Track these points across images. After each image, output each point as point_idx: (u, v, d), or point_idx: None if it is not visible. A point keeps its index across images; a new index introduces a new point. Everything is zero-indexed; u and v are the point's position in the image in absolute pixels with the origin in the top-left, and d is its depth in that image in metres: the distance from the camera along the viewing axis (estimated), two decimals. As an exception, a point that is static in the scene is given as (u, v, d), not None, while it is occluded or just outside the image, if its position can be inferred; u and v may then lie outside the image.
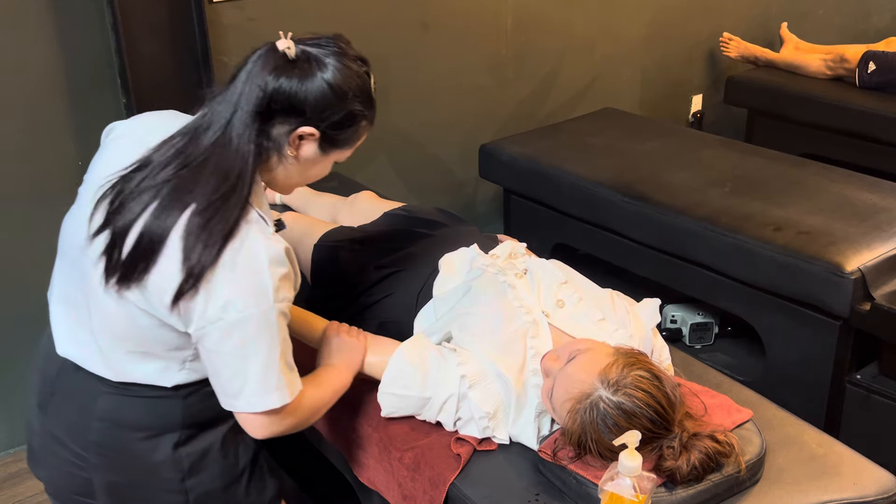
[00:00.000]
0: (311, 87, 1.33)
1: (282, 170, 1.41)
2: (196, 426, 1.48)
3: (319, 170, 1.45)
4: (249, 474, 1.55)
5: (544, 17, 3.36)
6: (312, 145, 1.39)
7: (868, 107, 3.50)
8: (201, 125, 1.36)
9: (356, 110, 1.39)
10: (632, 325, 1.69)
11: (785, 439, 1.62)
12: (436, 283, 1.82)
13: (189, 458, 1.47)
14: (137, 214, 1.32)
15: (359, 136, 1.44)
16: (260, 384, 1.35)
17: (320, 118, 1.35)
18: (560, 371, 1.50)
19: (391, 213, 2.13)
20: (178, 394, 1.44)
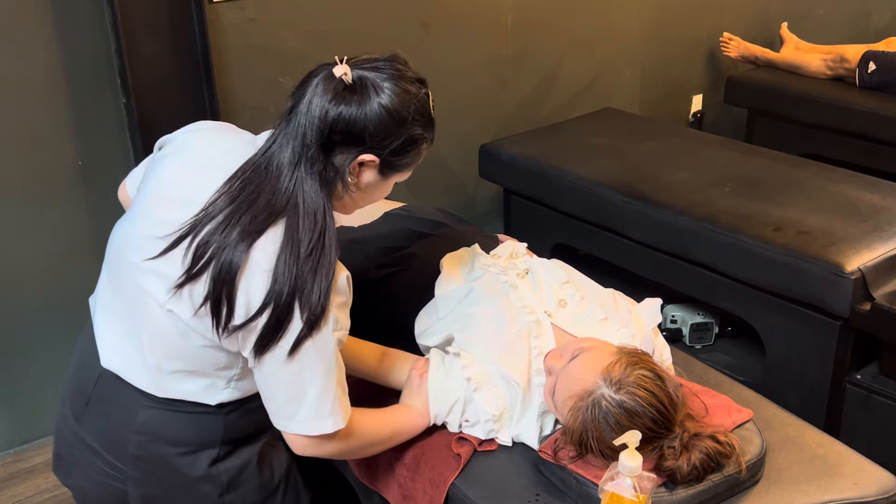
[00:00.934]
0: (370, 113, 1.31)
1: (347, 198, 1.40)
2: (234, 442, 1.47)
3: (380, 193, 1.43)
4: (284, 487, 1.55)
5: (544, 16, 3.35)
6: (373, 171, 1.37)
7: (868, 107, 3.50)
8: (270, 160, 1.33)
9: (416, 134, 1.36)
10: (633, 324, 1.70)
11: (785, 439, 1.62)
12: (437, 282, 1.82)
13: (227, 473, 1.46)
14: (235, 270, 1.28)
15: (419, 157, 1.41)
16: (315, 410, 1.36)
17: (380, 145, 1.33)
18: (563, 369, 1.50)
19: (391, 213, 2.13)
20: (221, 411, 1.44)
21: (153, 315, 1.37)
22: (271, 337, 1.30)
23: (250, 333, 1.31)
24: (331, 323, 1.32)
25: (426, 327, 1.77)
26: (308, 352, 1.31)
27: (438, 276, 1.83)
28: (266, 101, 2.75)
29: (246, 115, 2.72)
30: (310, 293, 1.28)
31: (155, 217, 1.38)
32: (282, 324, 1.29)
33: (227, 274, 1.28)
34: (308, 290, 1.28)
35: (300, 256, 1.28)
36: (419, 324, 1.80)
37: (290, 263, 1.28)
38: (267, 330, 1.30)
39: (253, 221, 1.29)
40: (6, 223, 2.38)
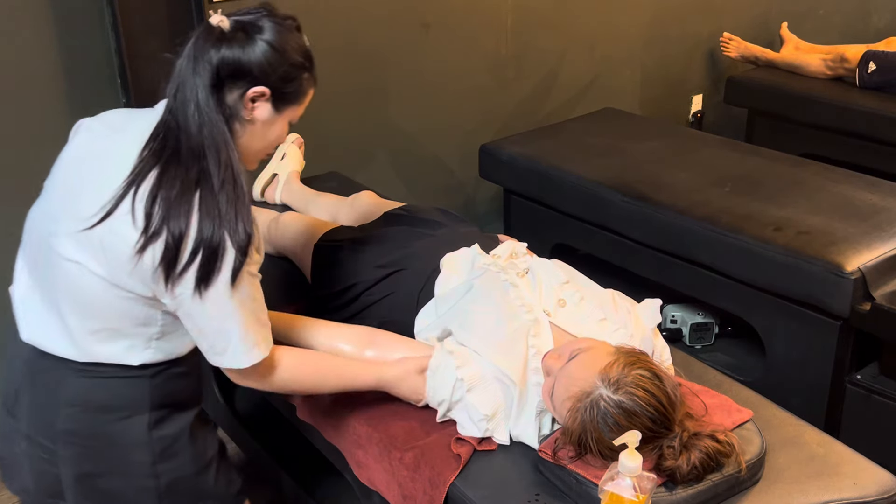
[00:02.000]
0: (252, 50, 1.39)
1: (246, 137, 1.45)
2: (166, 407, 1.50)
3: (278, 131, 1.49)
4: (217, 465, 1.58)
5: (544, 16, 3.36)
6: (266, 105, 1.44)
7: (868, 107, 3.50)
8: (176, 116, 1.41)
9: (297, 62, 1.45)
10: (633, 325, 1.69)
11: (785, 439, 1.62)
12: (437, 282, 1.82)
13: (161, 441, 1.50)
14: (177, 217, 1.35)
15: (305, 90, 1.49)
16: (242, 340, 1.43)
17: (267, 76, 1.41)
18: (561, 370, 1.50)
19: (391, 213, 2.13)
20: (145, 373, 1.47)
21: (70, 277, 1.42)
22: (210, 271, 1.37)
23: (188, 273, 1.37)
24: (253, 255, 1.41)
25: (424, 326, 1.78)
26: (241, 283, 1.39)
27: (438, 276, 1.84)
28: (266, 101, 2.75)
29: (246, 115, 2.72)
30: (234, 224, 1.37)
31: (69, 187, 1.45)
32: (217, 257, 1.37)
33: (179, 233, 1.36)
34: (232, 222, 1.37)
35: (215, 191, 1.37)
36: (419, 323, 1.80)
37: (208, 201, 1.37)
38: (205, 265, 1.36)
39: (187, 175, 1.38)
40: (4, 224, 2.37)
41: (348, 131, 2.98)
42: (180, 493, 1.53)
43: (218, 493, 1.59)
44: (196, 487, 1.55)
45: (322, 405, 1.79)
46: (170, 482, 1.51)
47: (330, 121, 2.91)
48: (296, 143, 2.61)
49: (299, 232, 2.15)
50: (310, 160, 2.66)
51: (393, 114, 3.07)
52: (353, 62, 2.90)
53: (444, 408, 1.62)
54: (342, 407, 1.74)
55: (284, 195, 2.52)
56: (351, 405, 1.73)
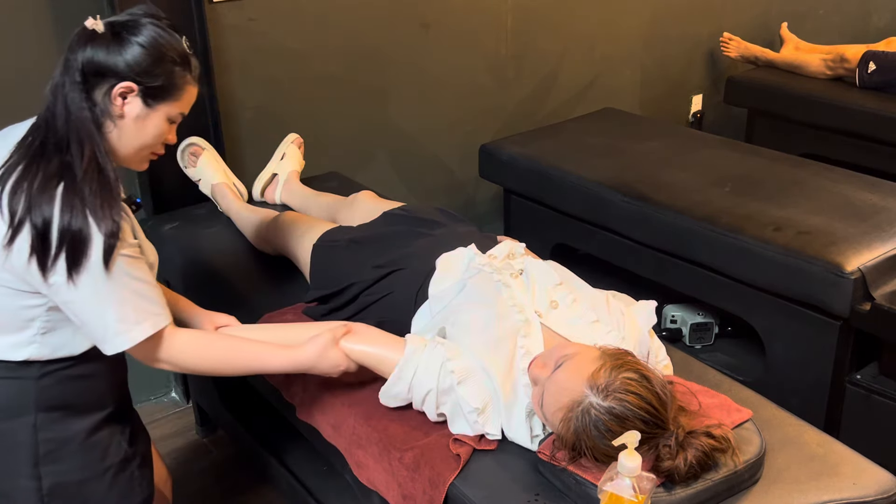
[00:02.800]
0: (121, 49, 1.43)
1: (116, 133, 1.47)
2: (55, 410, 1.51)
3: (155, 128, 1.49)
4: (114, 476, 1.58)
5: (544, 17, 3.36)
6: (136, 101, 1.46)
7: (868, 107, 3.50)
8: (48, 114, 1.45)
9: (168, 58, 1.46)
10: (626, 327, 1.69)
11: (785, 439, 1.62)
12: (432, 281, 1.82)
13: (46, 444, 1.51)
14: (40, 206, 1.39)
15: (180, 87, 1.49)
16: (119, 323, 1.44)
17: (133, 72, 1.43)
18: (548, 379, 1.49)
19: (390, 212, 2.13)
20: (30, 372, 1.49)
21: None
22: (79, 257, 1.39)
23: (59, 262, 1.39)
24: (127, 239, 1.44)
25: (421, 327, 1.78)
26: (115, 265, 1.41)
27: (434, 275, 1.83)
28: (266, 101, 2.75)
29: (246, 115, 2.73)
30: (99, 212, 1.40)
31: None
32: (83, 243, 1.39)
33: (42, 223, 1.39)
34: (97, 211, 1.40)
35: (78, 182, 1.40)
36: (416, 324, 1.80)
37: (71, 191, 1.40)
38: (73, 252, 1.39)
39: (49, 166, 1.41)
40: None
41: (348, 131, 2.98)
42: (64, 499, 1.54)
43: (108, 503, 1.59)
44: (82, 496, 1.56)
45: (322, 405, 1.79)
46: (53, 486, 1.52)
47: (330, 121, 2.91)
48: (295, 143, 2.61)
49: (298, 232, 2.15)
50: (310, 160, 2.67)
51: (393, 114, 3.07)
52: (353, 62, 2.90)
53: (432, 399, 1.61)
54: (342, 407, 1.74)
55: (284, 195, 2.52)
56: (351, 405, 1.73)
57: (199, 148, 2.50)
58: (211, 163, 2.50)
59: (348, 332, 1.67)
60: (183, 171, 2.52)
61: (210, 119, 2.57)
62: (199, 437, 2.69)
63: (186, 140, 2.49)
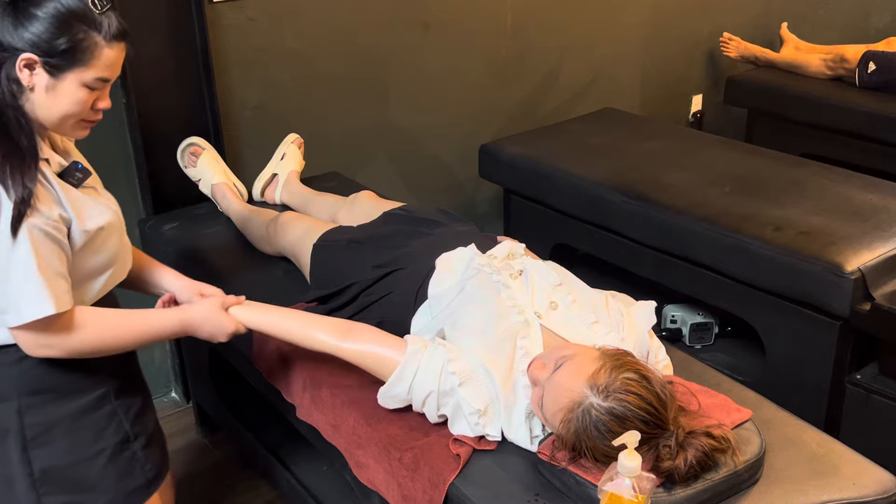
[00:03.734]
0: (20, 19, 1.37)
1: (30, 104, 1.43)
2: (38, 394, 1.50)
3: (70, 97, 1.44)
4: (109, 457, 1.57)
5: (544, 17, 3.36)
6: (42, 72, 1.41)
7: (868, 107, 3.50)
8: None
9: (69, 24, 1.39)
10: (625, 327, 1.69)
11: (784, 439, 1.62)
12: (431, 281, 1.82)
13: (32, 428, 1.51)
14: None
15: (87, 51, 1.42)
16: (23, 297, 1.40)
17: (32, 43, 1.38)
18: (548, 380, 1.49)
19: (391, 212, 2.13)
20: (8, 358, 1.48)
21: None
22: None
23: None
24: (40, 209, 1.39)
25: (422, 327, 1.77)
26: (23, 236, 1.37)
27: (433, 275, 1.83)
28: (266, 101, 2.75)
29: (246, 115, 2.73)
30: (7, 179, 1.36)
31: None
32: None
33: None
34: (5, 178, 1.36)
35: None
36: (416, 324, 1.80)
37: None
38: None
39: None
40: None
41: (348, 131, 2.98)
42: (57, 482, 1.54)
43: (104, 486, 1.58)
44: (77, 478, 1.55)
45: (322, 405, 1.79)
46: (44, 469, 1.52)
47: (330, 121, 2.91)
48: (295, 144, 2.61)
49: (298, 232, 2.15)
50: (310, 160, 2.66)
51: (393, 114, 3.07)
52: (353, 62, 2.90)
53: (433, 400, 1.60)
54: (342, 407, 1.74)
55: (284, 195, 2.52)
56: (351, 405, 1.73)
57: (199, 148, 2.50)
58: (211, 163, 2.50)
59: (239, 302, 1.69)
60: (183, 171, 2.52)
61: (210, 119, 2.58)
62: (199, 437, 2.69)
63: (186, 140, 2.49)
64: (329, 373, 1.80)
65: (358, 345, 1.67)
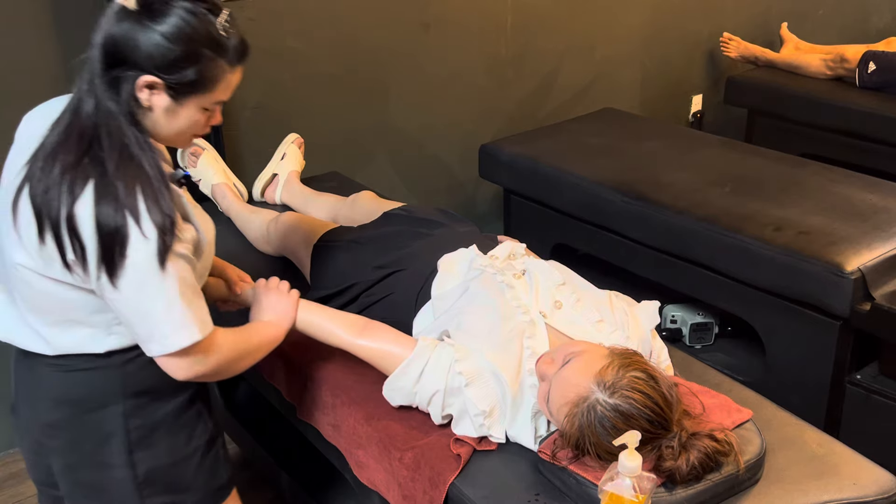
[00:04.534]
0: (142, 35, 1.30)
1: (149, 122, 1.38)
2: (141, 395, 1.49)
3: (187, 118, 1.40)
4: (202, 456, 1.57)
5: (544, 17, 3.36)
6: (162, 94, 1.35)
7: (868, 107, 3.50)
8: (78, 99, 1.36)
9: (197, 53, 1.33)
10: (630, 326, 1.69)
11: (785, 439, 1.62)
12: (434, 282, 1.82)
13: (137, 431, 1.49)
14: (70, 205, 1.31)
15: (213, 79, 1.37)
16: (167, 325, 1.36)
17: (156, 66, 1.32)
18: (555, 375, 1.49)
19: (391, 213, 2.13)
20: (113, 361, 1.45)
21: (15, 275, 1.41)
22: (117, 257, 1.31)
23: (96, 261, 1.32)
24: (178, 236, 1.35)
25: (424, 327, 1.77)
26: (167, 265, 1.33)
27: (436, 276, 1.83)
28: (266, 100, 2.75)
29: (246, 115, 2.73)
30: (138, 208, 1.31)
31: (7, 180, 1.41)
32: (120, 243, 1.30)
33: (67, 217, 1.30)
34: (136, 206, 1.31)
35: (110, 176, 1.31)
36: (417, 324, 1.80)
37: (102, 186, 1.30)
38: (109, 252, 1.31)
39: (75, 156, 1.32)
40: (6, 223, 2.38)
41: (348, 131, 2.98)
42: (160, 484, 1.53)
43: (200, 484, 1.58)
44: (176, 478, 1.55)
45: (322, 405, 1.79)
46: (147, 471, 1.51)
47: (330, 121, 2.91)
48: (296, 144, 2.61)
49: (299, 232, 2.15)
50: (310, 160, 2.67)
51: (393, 114, 3.07)
52: (353, 62, 2.90)
53: (438, 400, 1.60)
54: (342, 407, 1.74)
55: (284, 195, 2.52)
56: (351, 405, 1.73)
57: (199, 148, 2.50)
58: (211, 163, 2.50)
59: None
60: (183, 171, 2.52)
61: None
62: (200, 437, 2.69)
63: None
64: (329, 373, 1.80)
65: (371, 342, 1.68)
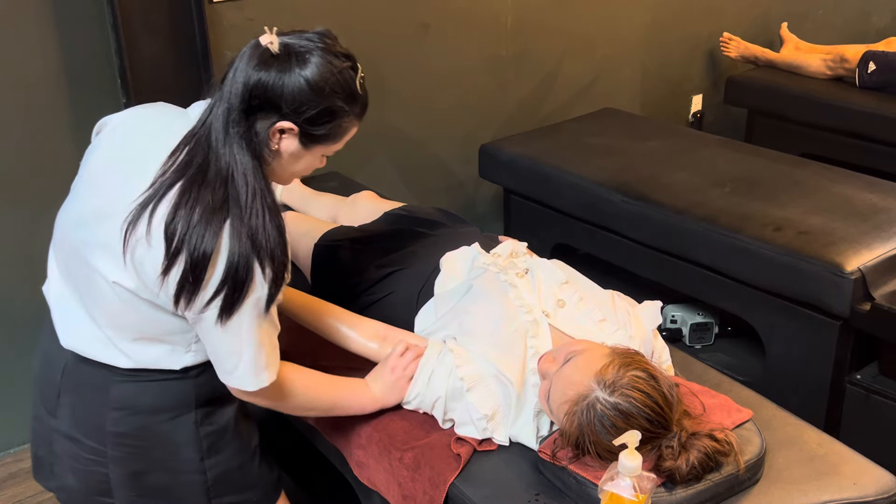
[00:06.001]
0: (287, 81, 1.33)
1: (275, 165, 1.42)
2: (211, 403, 1.51)
3: (306, 164, 1.45)
4: (260, 454, 1.62)
5: (544, 17, 3.36)
6: (293, 140, 1.39)
7: (868, 107, 3.50)
8: (209, 130, 1.36)
9: (336, 106, 1.38)
10: (632, 326, 1.69)
11: (785, 439, 1.62)
12: (437, 281, 1.82)
13: (208, 437, 1.51)
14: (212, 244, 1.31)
15: (342, 131, 1.43)
16: (252, 364, 1.41)
17: (297, 113, 1.35)
18: (556, 373, 1.50)
19: (391, 212, 2.13)
20: (188, 375, 1.48)
21: (101, 289, 1.40)
22: (236, 300, 1.34)
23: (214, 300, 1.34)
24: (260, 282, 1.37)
25: (425, 326, 1.77)
26: (269, 312, 1.38)
27: (438, 275, 1.83)
28: (266, 101, 2.75)
29: (246, 115, 2.72)
30: (265, 253, 1.33)
31: (100, 193, 1.41)
32: (244, 287, 1.33)
33: (201, 257, 1.31)
34: (264, 251, 1.33)
35: (244, 218, 1.32)
36: (419, 323, 1.80)
37: (236, 227, 1.32)
38: (231, 294, 1.33)
39: (213, 197, 1.32)
40: (5, 224, 2.38)
41: (348, 131, 2.98)
42: (227, 485, 1.56)
43: (262, 480, 1.62)
44: (242, 478, 1.58)
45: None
46: (217, 475, 1.54)
47: (330, 121, 2.91)
48: (296, 144, 2.61)
49: (299, 232, 2.14)
50: (310, 160, 2.66)
51: (393, 114, 3.07)
52: (353, 62, 2.90)
53: (440, 406, 1.61)
54: (342, 407, 1.74)
55: (284, 195, 2.52)
56: (351, 405, 1.73)
57: None
58: None
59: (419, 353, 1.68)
60: None
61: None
62: (200, 437, 2.69)
63: None
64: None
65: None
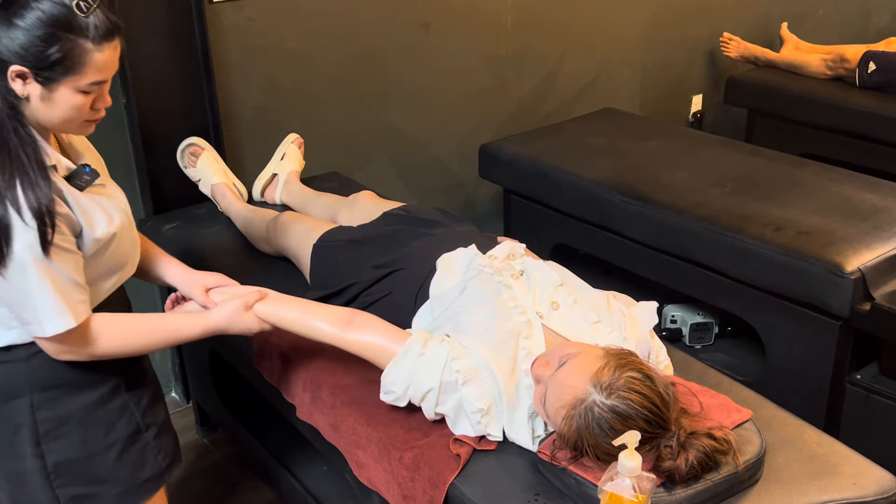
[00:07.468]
0: (6, 30, 1.33)
1: (29, 112, 1.41)
2: (51, 389, 1.51)
3: (66, 104, 1.41)
4: (122, 449, 1.58)
5: (544, 17, 3.36)
6: (34, 83, 1.37)
7: (868, 107, 3.50)
8: None
9: (54, 36, 1.34)
10: (628, 327, 1.69)
11: (785, 439, 1.62)
12: (433, 282, 1.82)
13: (46, 423, 1.51)
14: None
15: (79, 59, 1.37)
16: (43, 312, 1.41)
17: (20, 56, 1.34)
18: (551, 377, 1.49)
19: (391, 212, 2.13)
20: (16, 356, 1.49)
21: None
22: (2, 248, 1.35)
23: None
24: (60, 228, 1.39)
25: (422, 328, 1.77)
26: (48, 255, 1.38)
27: (435, 275, 1.83)
28: (266, 101, 2.75)
29: (246, 115, 2.73)
30: (18, 199, 1.35)
31: None
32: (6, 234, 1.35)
33: None
34: (16, 198, 1.35)
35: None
36: (415, 325, 1.80)
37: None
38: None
39: None
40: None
41: (348, 131, 2.98)
42: (72, 475, 1.55)
43: (116, 478, 1.59)
44: (90, 470, 1.56)
45: (322, 405, 1.79)
46: (57, 462, 1.53)
47: (330, 121, 2.91)
48: (296, 144, 2.61)
49: (298, 232, 2.15)
50: (310, 160, 2.67)
51: (393, 114, 3.07)
52: (353, 62, 2.90)
53: (432, 398, 1.60)
54: (342, 407, 1.74)
55: (284, 195, 2.52)
56: (351, 405, 1.73)
57: (198, 148, 2.50)
58: (211, 163, 2.50)
59: (262, 297, 1.69)
60: (183, 171, 2.52)
61: (210, 119, 2.58)
62: (199, 437, 2.69)
63: (186, 140, 2.50)
64: (329, 373, 1.80)
65: (360, 336, 1.67)
